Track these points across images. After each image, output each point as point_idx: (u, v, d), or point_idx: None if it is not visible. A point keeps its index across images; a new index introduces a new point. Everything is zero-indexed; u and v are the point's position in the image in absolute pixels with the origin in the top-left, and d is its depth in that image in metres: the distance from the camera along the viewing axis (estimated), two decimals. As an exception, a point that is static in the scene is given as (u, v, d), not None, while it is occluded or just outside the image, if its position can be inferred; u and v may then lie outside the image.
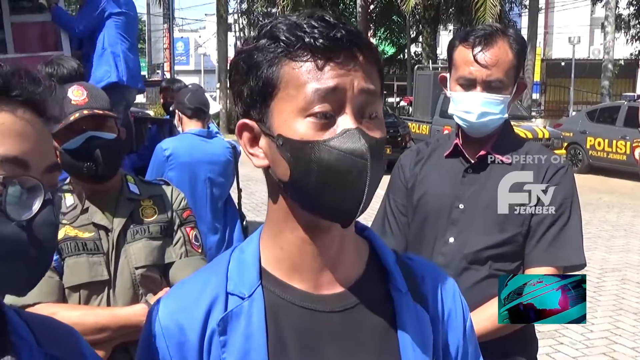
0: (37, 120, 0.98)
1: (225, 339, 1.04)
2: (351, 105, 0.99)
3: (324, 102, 0.98)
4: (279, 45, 1.00)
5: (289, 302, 1.07)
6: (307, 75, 0.98)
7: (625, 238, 9.80)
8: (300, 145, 0.98)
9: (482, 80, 2.04)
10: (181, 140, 4.17)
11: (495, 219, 2.07)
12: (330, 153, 0.96)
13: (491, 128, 2.10)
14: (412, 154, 2.32)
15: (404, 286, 1.13)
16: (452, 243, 2.11)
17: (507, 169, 2.12)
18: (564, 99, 28.55)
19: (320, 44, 0.98)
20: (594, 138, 16.03)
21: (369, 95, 1.00)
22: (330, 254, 1.08)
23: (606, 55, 23.47)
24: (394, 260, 1.16)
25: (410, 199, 2.24)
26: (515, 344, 2.07)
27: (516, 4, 28.95)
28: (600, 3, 28.08)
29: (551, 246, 2.05)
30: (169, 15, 32.47)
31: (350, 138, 0.97)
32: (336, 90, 0.98)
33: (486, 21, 17.89)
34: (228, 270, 1.10)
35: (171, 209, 2.25)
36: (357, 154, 0.96)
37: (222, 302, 1.07)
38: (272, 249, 1.10)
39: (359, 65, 1.00)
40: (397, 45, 31.93)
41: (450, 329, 1.16)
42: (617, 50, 26.09)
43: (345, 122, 0.98)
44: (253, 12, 29.99)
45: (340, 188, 0.98)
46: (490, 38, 2.05)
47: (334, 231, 1.05)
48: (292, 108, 0.99)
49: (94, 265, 2.06)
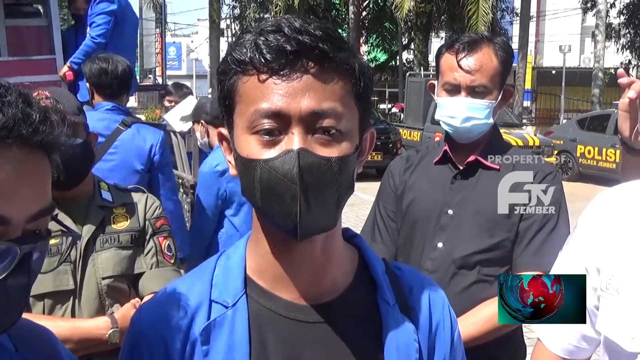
0: (44, 160, 0.92)
1: (207, 348, 1.02)
2: (298, 126, 0.95)
3: (268, 122, 0.96)
4: (233, 60, 0.99)
5: (273, 311, 1.05)
6: (253, 91, 0.97)
7: (614, 246, 9.82)
8: (246, 162, 0.98)
9: (466, 85, 2.07)
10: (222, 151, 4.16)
11: (483, 224, 2.09)
12: (269, 174, 0.95)
13: (477, 133, 2.12)
14: (401, 161, 2.35)
15: (392, 298, 1.11)
16: (440, 248, 2.12)
17: (496, 175, 2.14)
18: (555, 107, 28.67)
19: (264, 58, 0.95)
20: (584, 146, 16.09)
21: (321, 114, 0.96)
22: (313, 264, 1.06)
23: (597, 63, 23.58)
24: (382, 270, 1.14)
25: (399, 205, 2.25)
26: (504, 350, 2.08)
27: (508, 12, 29.07)
28: (591, 12, 28.23)
29: (539, 251, 2.07)
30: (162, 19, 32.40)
31: (288, 160, 0.94)
32: (279, 115, 0.95)
33: (478, 29, 17.98)
34: (213, 277, 1.09)
35: (144, 218, 2.20)
36: (289, 177, 0.94)
37: (206, 310, 1.05)
38: (256, 257, 1.09)
39: (310, 79, 0.95)
40: (389, 52, 31.97)
41: (437, 341, 1.15)
42: (608, 59, 26.22)
43: (289, 142, 0.95)
44: (246, 18, 29.98)
45: (279, 208, 0.97)
46: (474, 44, 2.08)
47: (312, 243, 1.03)
48: (242, 124, 0.99)
49: (60, 274, 2.01)
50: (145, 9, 29.31)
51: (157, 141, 3.53)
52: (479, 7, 19.31)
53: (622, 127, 1.75)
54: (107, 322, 2.00)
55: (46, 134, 0.88)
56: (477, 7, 19.33)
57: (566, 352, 1.52)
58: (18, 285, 0.89)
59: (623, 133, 1.75)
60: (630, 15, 28.77)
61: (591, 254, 1.43)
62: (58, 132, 0.90)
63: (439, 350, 1.14)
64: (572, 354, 1.52)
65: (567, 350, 1.52)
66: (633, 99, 1.68)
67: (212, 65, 28.02)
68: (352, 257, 1.14)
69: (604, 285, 1.39)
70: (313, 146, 0.96)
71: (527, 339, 2.29)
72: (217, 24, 27.73)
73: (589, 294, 1.42)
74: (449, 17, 24.96)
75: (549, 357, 1.55)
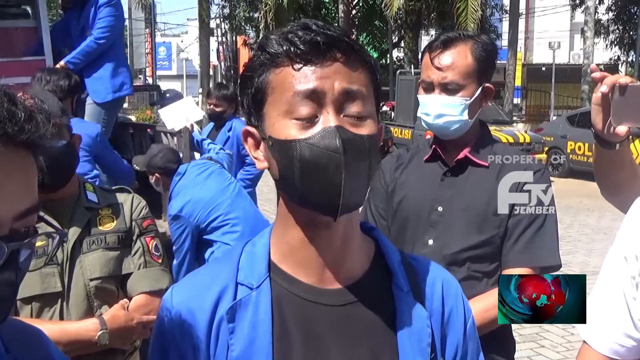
0: (30, 159, 0.92)
1: (233, 326, 1.10)
2: (332, 105, 1.05)
3: (305, 104, 1.05)
4: (266, 56, 1.08)
5: (294, 294, 1.13)
6: (289, 80, 1.06)
7: (605, 241, 9.88)
8: (285, 144, 1.06)
9: (438, 82, 2.11)
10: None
11: (473, 221, 2.11)
12: (311, 150, 1.03)
13: (452, 130, 2.14)
14: (392, 159, 2.37)
15: (406, 285, 1.18)
16: (431, 245, 2.14)
17: (485, 172, 2.16)
18: (545, 104, 28.76)
19: (299, 49, 1.05)
20: (574, 142, 16.17)
21: (351, 95, 1.06)
22: (333, 251, 1.14)
23: (586, 60, 23.66)
24: (398, 260, 1.21)
25: (390, 203, 2.27)
26: (492, 344, 2.09)
27: (497, 9, 29.17)
28: (579, 8, 28.35)
29: (528, 247, 2.09)
30: (151, 19, 32.38)
31: (328, 135, 1.03)
32: (315, 92, 1.05)
33: (468, 26, 18.03)
34: (239, 262, 1.17)
35: (130, 218, 2.19)
36: (332, 149, 1.02)
37: (232, 291, 1.14)
38: (280, 244, 1.17)
39: (340, 66, 1.06)
40: (379, 51, 32.03)
41: (450, 328, 1.21)
42: (597, 55, 26.40)
43: (325, 121, 1.04)
44: (235, 17, 30.01)
45: (321, 182, 1.04)
46: (449, 42, 2.12)
47: (335, 229, 1.11)
48: (278, 111, 1.07)
49: (47, 276, 2.00)
50: (134, 9, 29.24)
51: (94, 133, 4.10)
52: (469, 5, 19.36)
53: (596, 120, 1.81)
54: (96, 323, 2.00)
55: (32, 133, 0.88)
56: (467, 5, 19.38)
57: (613, 352, 1.46)
58: (5, 283, 0.90)
59: (596, 126, 1.81)
60: (619, 11, 28.95)
61: (630, 243, 1.44)
62: (43, 130, 0.91)
63: (451, 336, 1.21)
64: (619, 354, 1.45)
65: (614, 350, 1.46)
66: (605, 92, 1.73)
67: (202, 64, 27.99)
68: (369, 247, 1.22)
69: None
70: (346, 126, 1.05)
71: (518, 335, 2.31)
72: (207, 23, 27.68)
73: (626, 283, 1.43)
74: (439, 14, 25.01)
75: (597, 358, 1.48)
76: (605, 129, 1.77)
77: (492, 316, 2.01)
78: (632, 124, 1.72)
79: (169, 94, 6.87)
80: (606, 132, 1.77)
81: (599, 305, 1.49)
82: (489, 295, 2.06)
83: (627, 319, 1.42)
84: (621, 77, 1.73)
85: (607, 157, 1.87)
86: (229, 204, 4.06)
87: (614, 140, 1.80)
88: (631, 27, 28.27)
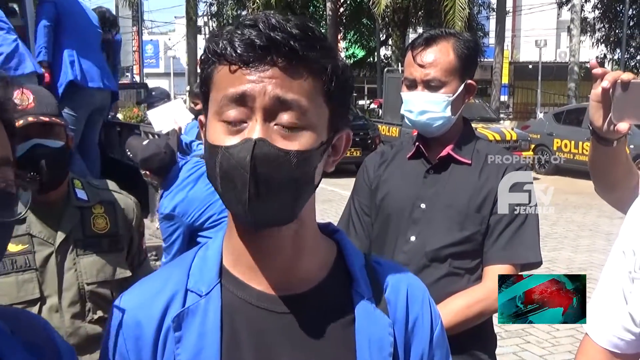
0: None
1: (179, 334, 1.05)
2: (261, 112, 0.98)
3: (234, 108, 0.99)
4: (209, 50, 1.03)
5: (245, 301, 1.08)
6: (224, 80, 1.00)
7: (590, 238, 9.96)
8: (211, 147, 1.01)
9: (421, 79, 2.11)
10: None
11: (455, 218, 2.12)
12: (228, 160, 0.98)
13: (436, 126, 2.15)
14: (376, 156, 2.38)
15: (368, 291, 1.12)
16: (413, 241, 2.15)
17: (468, 170, 2.17)
18: (532, 101, 28.88)
19: (234, 51, 0.98)
20: (560, 140, 16.25)
21: (285, 104, 0.98)
22: (283, 256, 1.08)
23: (572, 58, 23.80)
24: (361, 264, 1.15)
25: (373, 199, 2.28)
26: (473, 340, 2.11)
27: (484, 7, 29.23)
28: (566, 6, 28.45)
29: (508, 244, 2.10)
30: (138, 17, 32.20)
31: (244, 148, 0.96)
32: (244, 96, 0.98)
33: (455, 24, 18.06)
34: (191, 267, 1.12)
35: (126, 221, 2.17)
36: (242, 165, 0.96)
37: (181, 299, 1.08)
38: (230, 248, 1.11)
39: (277, 71, 0.98)
40: (367, 48, 32.02)
41: (415, 336, 1.15)
42: (583, 53, 26.47)
43: (251, 130, 0.98)
44: (223, 15, 29.84)
45: (233, 195, 0.99)
46: (431, 40, 2.13)
47: (280, 234, 1.06)
48: (212, 111, 1.03)
49: (24, 283, 1.94)
50: (121, 6, 29.06)
51: None
52: (456, 3, 19.40)
53: (595, 117, 1.76)
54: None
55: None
56: (454, 3, 19.42)
57: (613, 345, 1.46)
58: None
59: (595, 123, 1.77)
60: (605, 9, 29.08)
61: (628, 238, 1.44)
62: (8, 95, 0.96)
63: (416, 345, 1.14)
64: (619, 347, 1.46)
65: (614, 343, 1.46)
66: (607, 88, 1.69)
67: (190, 63, 27.85)
68: (329, 250, 1.16)
69: (637, 266, 1.40)
70: (274, 137, 0.98)
71: (504, 331, 2.32)
72: (194, 21, 27.56)
73: (624, 278, 1.44)
74: (426, 12, 25.05)
75: (596, 351, 1.49)
76: (605, 125, 1.74)
77: (473, 312, 2.03)
78: (633, 120, 1.68)
79: (156, 92, 6.86)
80: (605, 128, 1.74)
81: (600, 299, 1.50)
82: (470, 292, 2.07)
83: (626, 313, 1.42)
84: (623, 74, 1.70)
85: (604, 154, 1.85)
86: (221, 204, 4.05)
87: (613, 137, 1.77)
88: (617, 25, 28.40)
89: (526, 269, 2.11)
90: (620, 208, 1.56)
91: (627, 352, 1.46)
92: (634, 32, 28.18)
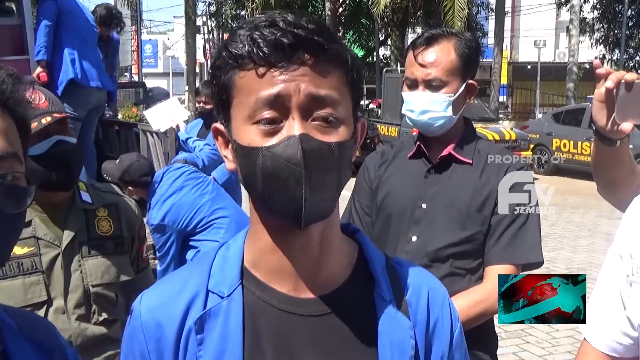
0: (5, 115, 1.00)
1: (202, 337, 1.05)
2: (297, 111, 0.98)
3: (268, 109, 0.99)
4: (230, 56, 1.01)
5: (267, 303, 1.07)
6: (253, 84, 0.99)
7: (590, 238, 9.97)
8: (248, 151, 1.01)
9: (422, 79, 2.11)
10: None
11: (456, 218, 2.12)
12: (273, 160, 0.98)
13: (437, 126, 2.15)
14: (377, 156, 2.37)
15: (389, 294, 1.12)
16: (414, 242, 2.15)
17: (469, 170, 2.17)
18: (531, 102, 28.91)
19: (262, 52, 0.98)
20: (559, 140, 16.27)
21: (319, 101, 0.99)
22: (309, 257, 1.08)
23: (571, 58, 23.81)
24: (382, 266, 1.15)
25: (374, 199, 2.27)
26: (474, 340, 2.10)
27: (483, 7, 29.22)
28: (565, 7, 28.46)
29: (510, 244, 2.10)
30: (137, 17, 32.17)
31: (290, 145, 0.97)
32: (279, 97, 0.98)
33: (454, 24, 18.06)
34: (212, 267, 1.11)
35: (129, 224, 2.16)
36: (293, 161, 0.96)
37: (202, 300, 1.08)
38: (253, 249, 1.11)
39: (307, 69, 0.99)
40: (365, 48, 31.99)
41: (435, 337, 1.15)
42: (582, 53, 26.47)
43: (289, 129, 0.98)
44: (222, 15, 29.85)
45: (283, 193, 0.99)
46: (432, 39, 2.13)
47: (309, 233, 1.05)
48: (242, 115, 1.01)
49: (31, 286, 1.92)
50: (120, 6, 29.04)
51: None
52: (455, 3, 19.38)
53: (598, 117, 1.75)
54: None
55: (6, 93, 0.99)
56: (453, 3, 19.40)
57: (611, 349, 1.45)
58: None
59: (598, 123, 1.75)
60: (604, 10, 29.06)
61: (626, 241, 1.43)
62: (19, 91, 1.02)
63: (436, 347, 1.15)
64: (617, 351, 1.45)
65: (612, 347, 1.45)
66: (611, 88, 1.67)
67: (189, 62, 27.84)
68: (351, 251, 1.16)
69: (634, 270, 1.39)
70: (313, 132, 0.99)
71: (503, 331, 2.32)
72: (193, 21, 27.52)
73: (622, 282, 1.43)
74: (425, 13, 25.03)
75: (595, 355, 1.48)
76: (609, 125, 1.72)
77: (475, 313, 2.03)
78: (637, 121, 1.67)
79: (155, 91, 6.85)
80: (609, 128, 1.72)
81: (597, 303, 1.49)
82: (472, 292, 2.07)
83: (624, 317, 1.42)
84: (627, 74, 1.68)
85: (607, 154, 1.84)
86: (209, 206, 4.06)
87: (616, 137, 1.76)
88: (616, 26, 28.39)
89: (527, 269, 2.10)
90: (622, 209, 1.54)
91: (626, 356, 1.45)
92: (632, 32, 28.17)
